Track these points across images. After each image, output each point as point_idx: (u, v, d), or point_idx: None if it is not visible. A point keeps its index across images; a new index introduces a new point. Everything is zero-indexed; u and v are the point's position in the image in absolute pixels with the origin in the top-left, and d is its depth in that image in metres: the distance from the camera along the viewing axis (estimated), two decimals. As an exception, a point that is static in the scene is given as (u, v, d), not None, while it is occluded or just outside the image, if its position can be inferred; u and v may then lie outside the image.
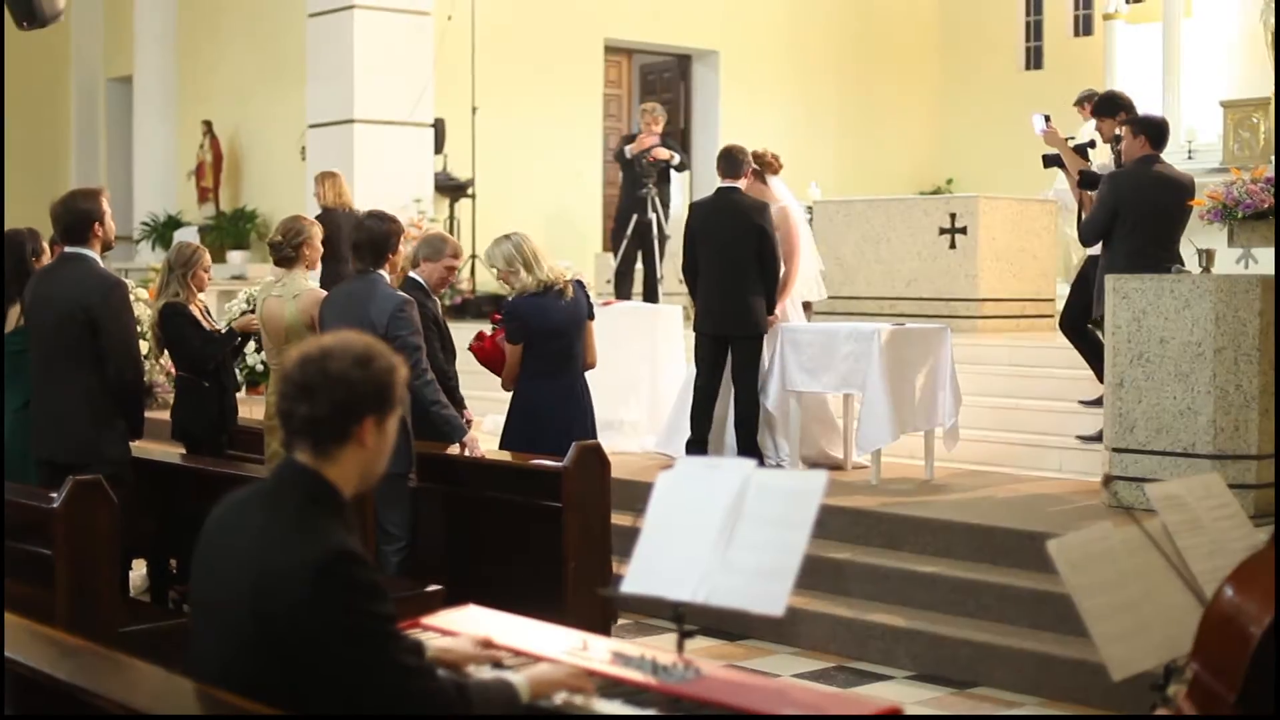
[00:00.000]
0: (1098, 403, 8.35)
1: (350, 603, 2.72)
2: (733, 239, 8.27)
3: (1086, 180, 8.49)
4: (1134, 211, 7.68)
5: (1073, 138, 9.05)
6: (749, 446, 8.37)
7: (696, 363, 8.59)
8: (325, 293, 6.58)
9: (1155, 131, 7.88)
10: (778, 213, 8.65)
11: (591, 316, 6.85)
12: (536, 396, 6.72)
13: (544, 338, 6.68)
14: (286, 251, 6.69)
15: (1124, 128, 8.11)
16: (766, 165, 8.78)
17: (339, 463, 2.88)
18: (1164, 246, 7.71)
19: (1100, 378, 8.08)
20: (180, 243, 7.34)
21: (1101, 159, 8.99)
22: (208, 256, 7.27)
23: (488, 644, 3.19)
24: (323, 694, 2.72)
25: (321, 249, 6.86)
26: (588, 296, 6.85)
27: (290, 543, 2.76)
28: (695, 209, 8.77)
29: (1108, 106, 8.84)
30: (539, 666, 3.06)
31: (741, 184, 8.43)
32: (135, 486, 6.02)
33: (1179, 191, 7.75)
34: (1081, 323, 8.78)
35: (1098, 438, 8.09)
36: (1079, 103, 11.01)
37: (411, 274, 6.85)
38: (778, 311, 8.49)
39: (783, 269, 8.55)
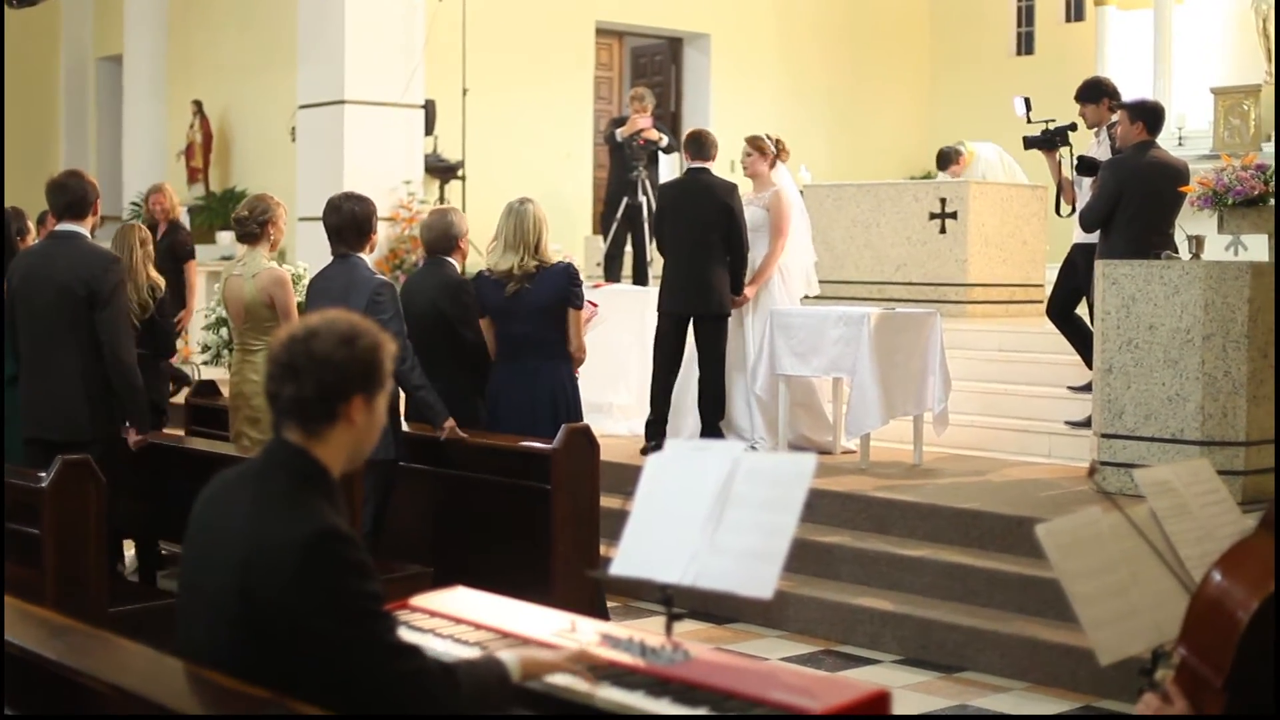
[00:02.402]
0: (1086, 388, 8.37)
1: (337, 582, 2.72)
2: (701, 219, 8.29)
3: (1085, 166, 8.47)
4: (1135, 198, 7.67)
5: (1053, 120, 9.02)
6: (713, 429, 8.36)
7: (656, 342, 8.53)
8: (284, 273, 6.50)
9: (1152, 117, 7.87)
10: (771, 196, 8.67)
11: (574, 305, 6.54)
12: (493, 377, 6.67)
13: (491, 317, 6.60)
14: (250, 228, 6.55)
15: (1120, 113, 8.10)
16: (766, 150, 8.78)
17: (328, 442, 2.88)
18: (1161, 233, 7.71)
19: (1088, 363, 8.09)
20: (135, 223, 7.35)
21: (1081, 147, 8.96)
22: None
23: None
24: (310, 672, 2.72)
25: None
26: (572, 284, 6.55)
27: (279, 521, 2.76)
28: (665, 189, 8.97)
29: (1091, 92, 8.81)
30: (530, 647, 3.05)
31: (710, 165, 8.49)
32: (125, 466, 6.01)
33: (1176, 178, 7.74)
34: (1068, 310, 8.79)
35: (1086, 423, 8.10)
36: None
37: (447, 259, 6.69)
38: (748, 292, 8.49)
39: (767, 249, 8.58)
